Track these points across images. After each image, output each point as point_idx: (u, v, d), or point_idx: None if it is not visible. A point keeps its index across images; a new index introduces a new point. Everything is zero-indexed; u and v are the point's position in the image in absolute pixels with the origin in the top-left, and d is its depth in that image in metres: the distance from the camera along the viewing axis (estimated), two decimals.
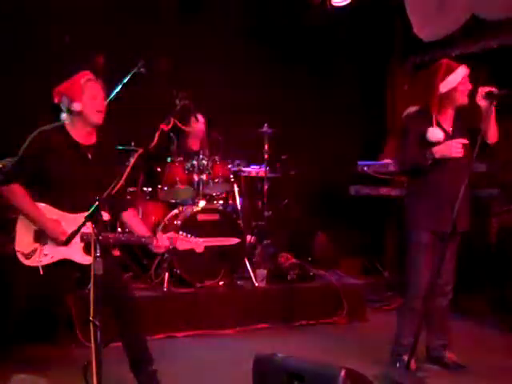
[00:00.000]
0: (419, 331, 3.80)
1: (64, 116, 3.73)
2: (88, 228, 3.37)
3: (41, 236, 3.59)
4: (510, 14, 5.51)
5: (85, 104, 3.65)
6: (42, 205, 3.60)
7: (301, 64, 7.02)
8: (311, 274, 5.74)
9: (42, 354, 4.25)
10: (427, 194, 4.08)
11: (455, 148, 3.90)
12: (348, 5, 6.86)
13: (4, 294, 3.70)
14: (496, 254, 5.57)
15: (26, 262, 3.54)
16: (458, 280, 4.29)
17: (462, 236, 4.19)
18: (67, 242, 3.18)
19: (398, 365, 4.12)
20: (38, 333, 4.37)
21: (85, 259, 3.60)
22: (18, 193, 3.57)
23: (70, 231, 3.30)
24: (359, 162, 6.55)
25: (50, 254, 3.57)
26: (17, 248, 3.56)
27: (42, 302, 4.39)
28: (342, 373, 2.93)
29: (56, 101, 3.73)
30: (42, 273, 3.51)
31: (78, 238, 3.46)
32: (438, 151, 3.91)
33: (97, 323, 2.92)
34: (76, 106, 3.64)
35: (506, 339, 4.92)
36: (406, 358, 3.98)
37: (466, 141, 3.92)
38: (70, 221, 3.57)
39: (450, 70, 3.98)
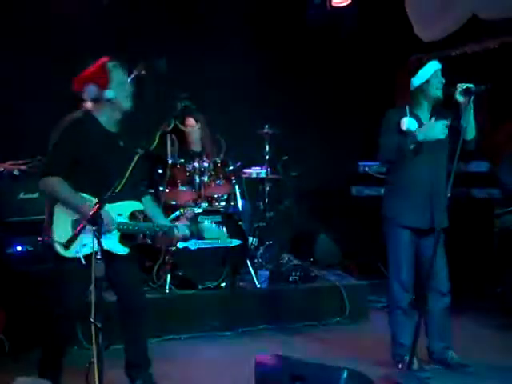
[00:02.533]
0: (418, 331, 3.80)
1: (89, 105, 3.65)
2: (124, 218, 3.54)
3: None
4: (509, 13, 5.51)
5: (115, 91, 3.57)
6: (82, 195, 3.51)
7: (302, 65, 7.02)
8: (313, 274, 5.74)
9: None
10: (404, 190, 4.09)
11: (438, 128, 3.92)
12: (350, 5, 6.86)
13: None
14: (498, 255, 5.57)
15: (65, 254, 3.41)
16: (460, 280, 4.30)
17: (460, 236, 4.18)
18: (67, 245, 3.16)
19: (399, 366, 4.12)
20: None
21: (121, 249, 3.57)
22: (57, 183, 3.48)
23: (107, 218, 3.38)
24: (360, 163, 6.55)
25: (88, 243, 3.37)
26: (55, 239, 3.44)
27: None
28: (345, 374, 2.93)
29: (77, 89, 3.63)
30: (84, 262, 3.35)
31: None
32: (422, 131, 3.93)
33: (98, 325, 2.93)
34: (108, 94, 3.55)
35: (509, 339, 4.91)
36: (407, 358, 3.98)
37: (447, 122, 3.94)
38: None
39: (420, 65, 4.05)
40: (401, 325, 4.18)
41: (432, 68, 4.04)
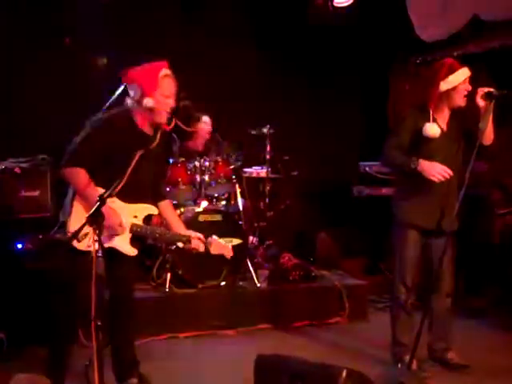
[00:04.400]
0: (421, 331, 3.80)
1: (129, 102, 3.57)
2: (138, 220, 3.53)
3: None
4: (510, 14, 5.51)
5: (157, 101, 3.49)
6: (100, 190, 3.43)
7: (302, 64, 7.03)
8: (313, 274, 5.73)
9: (44, 354, 4.24)
10: (415, 191, 4.06)
11: (435, 171, 3.85)
12: (350, 6, 6.87)
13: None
14: (499, 255, 5.57)
15: (77, 245, 3.34)
16: (461, 280, 4.30)
17: (461, 236, 4.18)
18: (71, 240, 3.15)
19: (399, 365, 4.13)
20: (40, 333, 4.39)
21: (130, 250, 3.56)
22: (81, 176, 3.44)
23: (124, 220, 3.40)
24: (361, 163, 6.55)
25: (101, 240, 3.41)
26: (70, 229, 3.42)
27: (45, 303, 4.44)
28: (344, 373, 2.93)
29: (124, 81, 3.58)
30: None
31: (126, 229, 3.48)
32: (423, 165, 3.87)
33: (98, 323, 2.93)
34: (148, 102, 3.47)
35: (509, 339, 4.91)
36: (407, 358, 3.98)
37: (451, 172, 3.87)
38: (124, 209, 3.52)
39: (452, 70, 3.99)
40: (402, 324, 4.19)
41: (462, 75, 3.98)
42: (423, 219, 4.07)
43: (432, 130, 3.97)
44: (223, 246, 3.68)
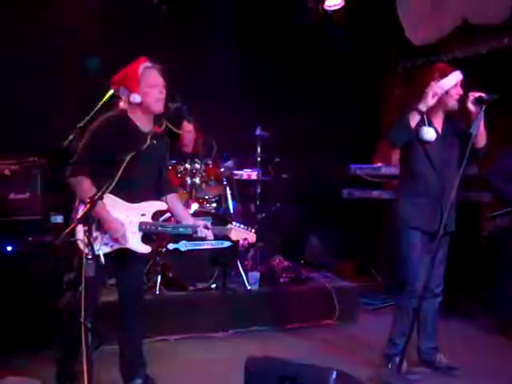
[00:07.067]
0: (411, 332, 3.82)
1: (123, 104, 3.68)
2: (147, 217, 3.57)
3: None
4: (499, 19, 5.55)
5: (144, 94, 3.57)
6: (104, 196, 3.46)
7: (294, 68, 7.04)
8: (304, 276, 5.76)
9: (35, 357, 4.24)
10: (416, 193, 4.10)
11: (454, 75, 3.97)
12: (340, 9, 6.90)
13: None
14: (487, 257, 5.60)
15: (86, 251, 3.40)
16: (449, 282, 4.32)
17: (452, 238, 4.22)
18: (59, 241, 3.17)
19: (389, 366, 4.14)
20: (31, 336, 4.38)
21: (143, 248, 3.60)
22: (84, 185, 3.48)
23: (128, 227, 3.46)
24: (352, 165, 6.57)
25: (110, 243, 3.48)
26: (78, 236, 3.38)
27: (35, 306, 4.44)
28: (334, 375, 2.95)
29: (114, 88, 3.70)
30: (103, 262, 3.34)
31: (136, 228, 3.53)
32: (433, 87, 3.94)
33: (88, 325, 2.93)
34: (135, 98, 3.56)
35: (497, 341, 4.95)
36: (397, 359, 4.00)
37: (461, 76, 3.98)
38: (131, 210, 3.56)
39: (444, 74, 4.03)
40: (403, 326, 4.15)
41: (454, 79, 4.02)
42: (426, 222, 4.09)
43: (429, 133, 4.03)
44: (244, 231, 3.86)
